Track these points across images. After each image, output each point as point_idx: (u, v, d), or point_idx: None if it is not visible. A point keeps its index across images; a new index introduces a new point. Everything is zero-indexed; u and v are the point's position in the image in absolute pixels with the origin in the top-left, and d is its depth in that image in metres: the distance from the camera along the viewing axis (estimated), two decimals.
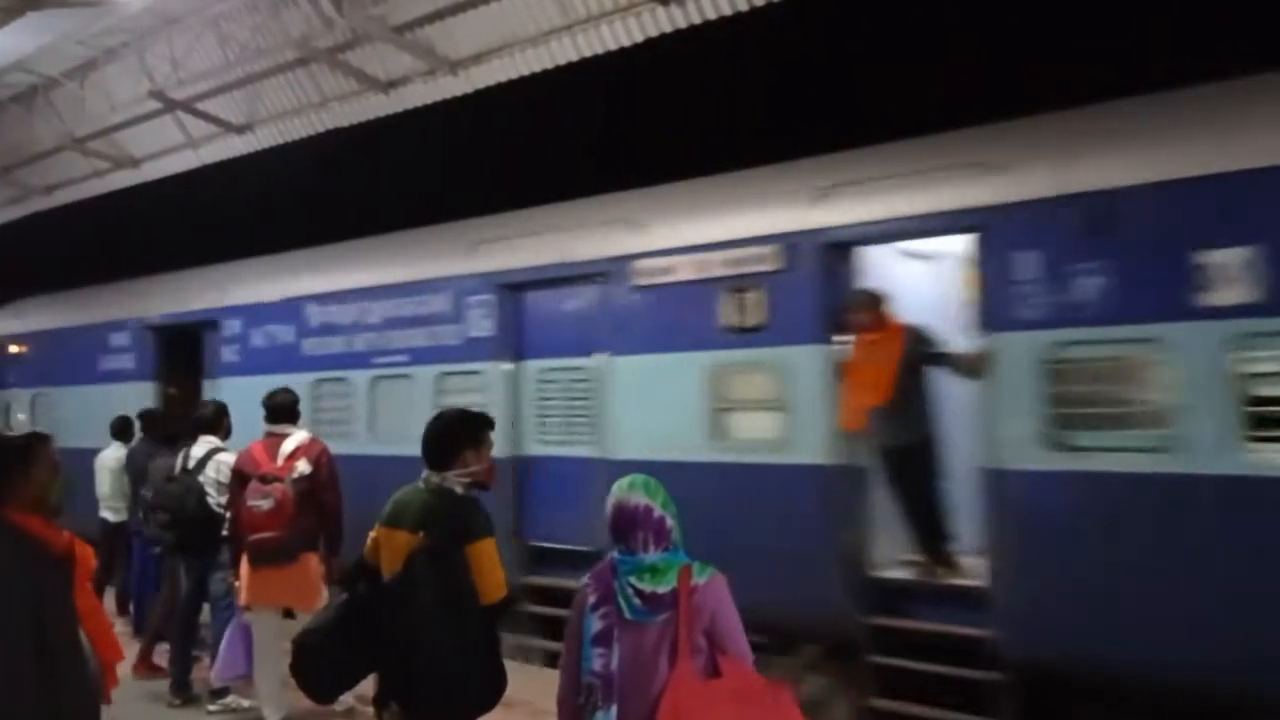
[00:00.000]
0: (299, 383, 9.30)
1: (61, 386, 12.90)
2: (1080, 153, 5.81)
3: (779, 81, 17.47)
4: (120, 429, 9.26)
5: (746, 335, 6.87)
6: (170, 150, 15.45)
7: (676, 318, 7.27)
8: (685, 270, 7.23)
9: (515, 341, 8.29)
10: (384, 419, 9.10)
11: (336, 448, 8.57)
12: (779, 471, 6.70)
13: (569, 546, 7.69)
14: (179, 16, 12.25)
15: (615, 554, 3.17)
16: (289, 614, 6.41)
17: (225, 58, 12.39)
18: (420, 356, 8.84)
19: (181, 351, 11.43)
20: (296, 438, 6.36)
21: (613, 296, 7.65)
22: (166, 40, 12.77)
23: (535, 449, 8.15)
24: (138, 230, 20.30)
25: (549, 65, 11.08)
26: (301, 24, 11.70)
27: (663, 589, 3.03)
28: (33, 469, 3.53)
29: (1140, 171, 5.52)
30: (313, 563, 6.22)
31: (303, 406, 9.08)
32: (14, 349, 13.94)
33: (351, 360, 9.40)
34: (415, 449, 8.00)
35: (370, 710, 3.85)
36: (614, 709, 2.99)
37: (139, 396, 11.03)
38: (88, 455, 9.21)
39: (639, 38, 10.30)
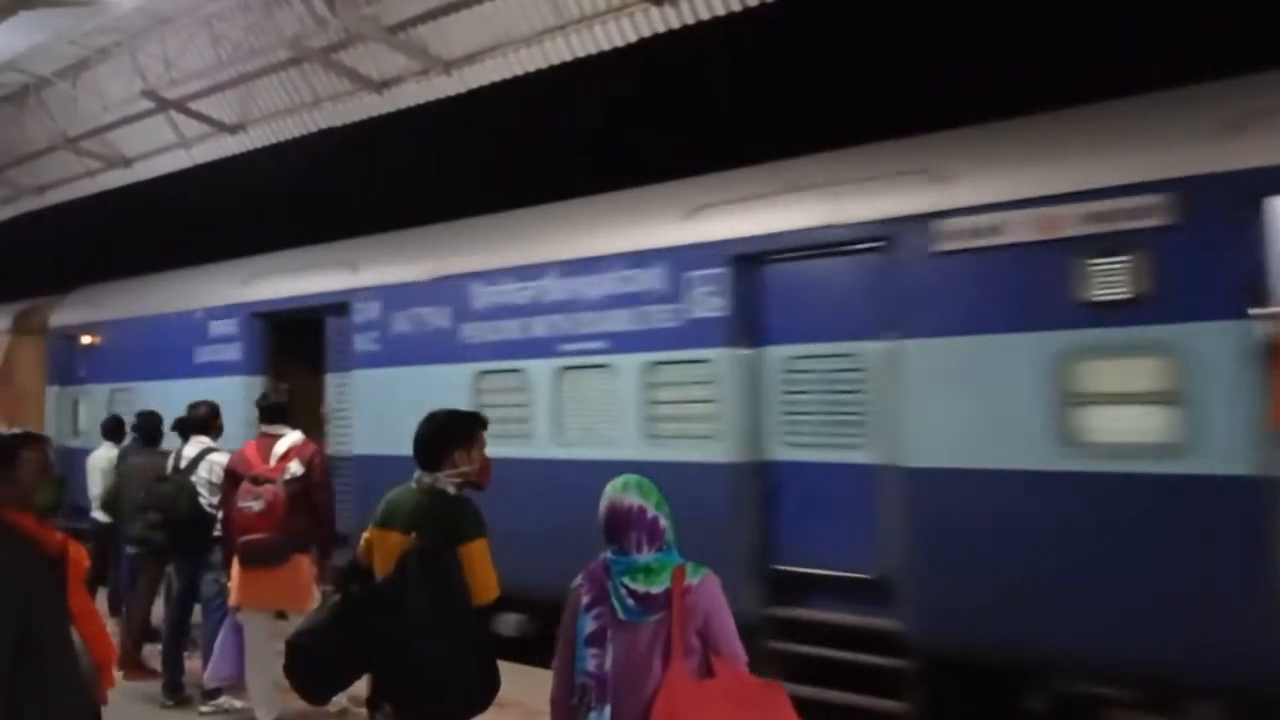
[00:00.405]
0: (458, 375, 8.36)
1: (146, 381, 11.34)
2: None
3: (773, 81, 17.49)
4: (111, 429, 9.25)
5: (1118, 310, 5.46)
6: (163, 150, 15.42)
7: (1005, 290, 5.83)
8: (1020, 229, 5.77)
9: (754, 323, 6.87)
10: (574, 417, 7.72)
11: (509, 450, 7.34)
12: (1172, 484, 5.26)
13: (834, 572, 6.41)
14: (171, 16, 12.22)
15: (608, 554, 3.17)
16: (281, 615, 6.41)
17: (218, 57, 12.36)
18: (623, 343, 7.42)
19: (296, 341, 10.08)
20: (289, 439, 6.35)
21: (902, 266, 6.19)
22: (159, 40, 12.74)
23: (783, 453, 6.74)
24: (130, 230, 20.26)
25: (542, 65, 11.09)
26: (294, 24, 11.68)
27: (656, 589, 3.04)
28: (17, 470, 3.52)
29: None
30: (304, 564, 6.20)
31: (464, 402, 7.98)
32: (86, 340, 12.55)
33: (529, 348, 7.97)
34: (617, 452, 7.20)
35: (363, 711, 3.84)
36: (607, 709, 3.00)
37: (244, 392, 9.64)
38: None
39: (632, 38, 10.31)
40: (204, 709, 6.70)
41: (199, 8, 11.97)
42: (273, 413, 6.49)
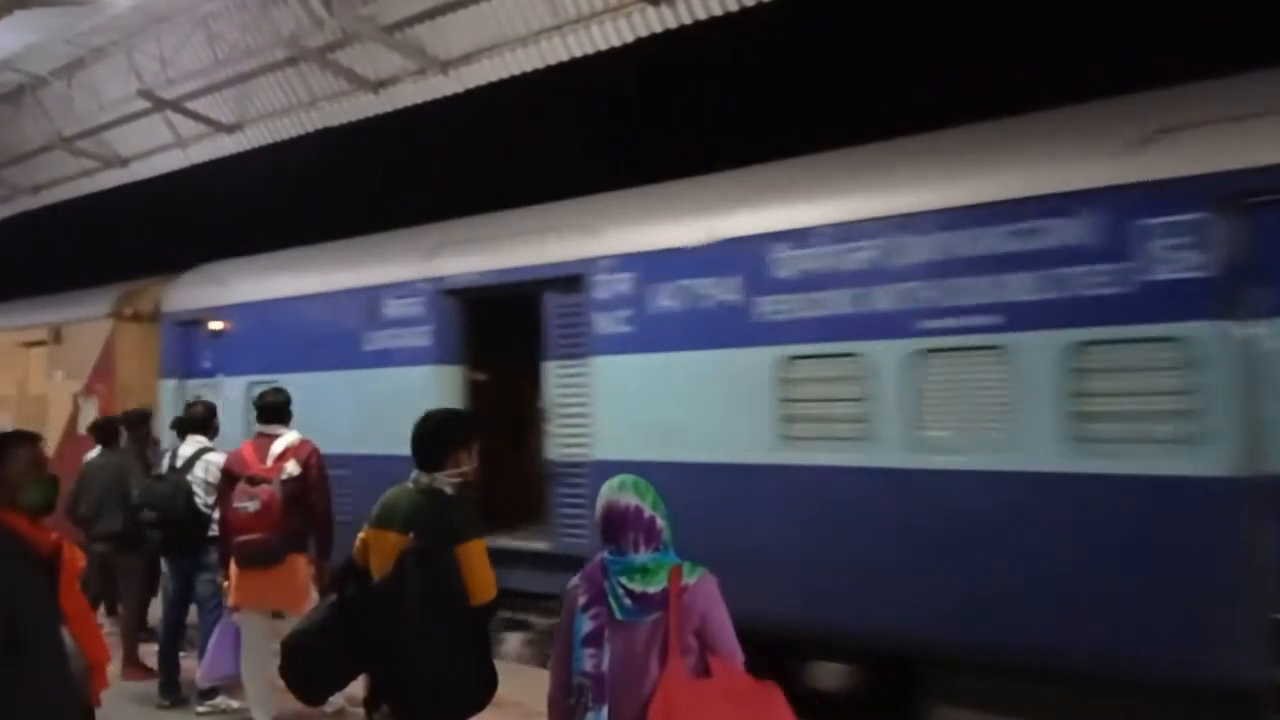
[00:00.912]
0: (754, 361, 6.66)
1: (298, 373, 9.28)
2: None
3: (770, 81, 17.51)
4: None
5: None
6: (159, 149, 15.41)
7: None
8: None
9: (1255, 287, 5.08)
10: (941, 415, 5.99)
11: (833, 456, 6.19)
12: None
13: None
14: (168, 15, 12.20)
15: (605, 555, 3.17)
16: (279, 614, 6.39)
17: (214, 57, 12.34)
18: (1027, 317, 5.64)
19: (495, 322, 8.61)
20: (286, 439, 6.35)
21: None
22: (155, 39, 12.72)
23: None
24: (125, 230, 20.24)
25: (539, 65, 11.09)
26: (291, 23, 11.67)
27: (653, 589, 3.04)
28: (3, 468, 3.51)
29: None
30: (300, 565, 6.20)
31: (765, 393, 6.56)
32: (214, 325, 10.55)
33: (867, 326, 6.21)
34: (1018, 460, 5.67)
35: (360, 712, 3.84)
36: (605, 709, 3.00)
37: (437, 384, 8.31)
38: (358, 464, 7.69)
39: (629, 38, 10.31)
40: (201, 709, 6.69)
41: (195, 7, 11.95)
42: (270, 412, 6.47)
